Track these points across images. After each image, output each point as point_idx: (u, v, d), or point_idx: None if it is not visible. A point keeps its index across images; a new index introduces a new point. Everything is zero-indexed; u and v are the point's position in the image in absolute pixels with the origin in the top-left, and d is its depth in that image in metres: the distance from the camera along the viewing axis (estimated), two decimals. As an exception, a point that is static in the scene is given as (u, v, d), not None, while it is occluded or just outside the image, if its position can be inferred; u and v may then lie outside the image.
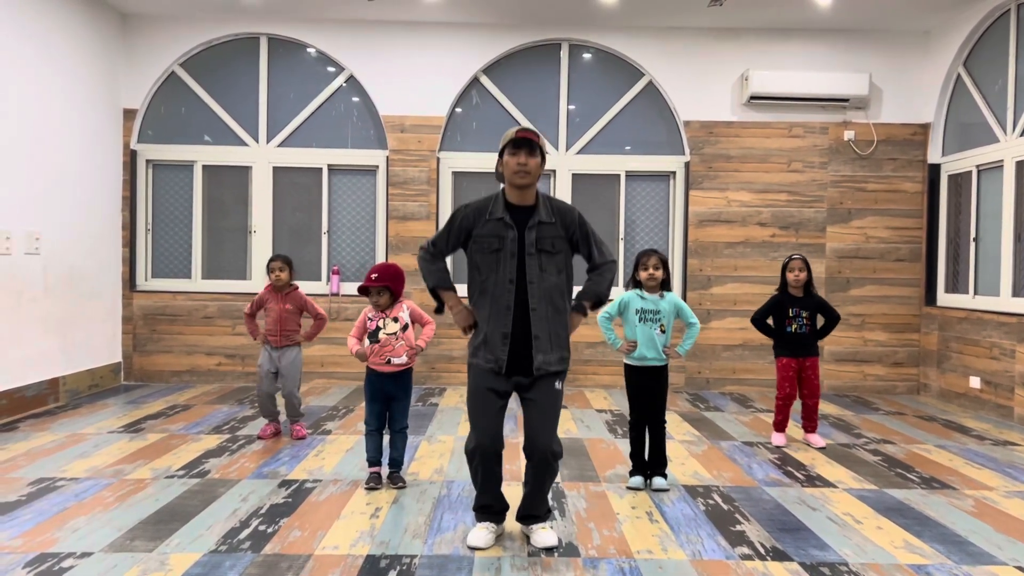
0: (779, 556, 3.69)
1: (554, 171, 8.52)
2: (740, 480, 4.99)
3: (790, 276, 5.84)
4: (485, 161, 8.39)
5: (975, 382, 7.49)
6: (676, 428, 6.49)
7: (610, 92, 8.57)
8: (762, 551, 3.75)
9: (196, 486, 4.65)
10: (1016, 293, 7.18)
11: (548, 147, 8.49)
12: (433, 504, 4.39)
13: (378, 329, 4.63)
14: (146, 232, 8.55)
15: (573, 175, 8.51)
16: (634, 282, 4.84)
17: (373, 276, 4.57)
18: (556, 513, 4.26)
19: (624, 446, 5.78)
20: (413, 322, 4.77)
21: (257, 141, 8.53)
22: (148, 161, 8.52)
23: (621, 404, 7.48)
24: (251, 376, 8.30)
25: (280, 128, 8.55)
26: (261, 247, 8.53)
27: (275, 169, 8.56)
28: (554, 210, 3.76)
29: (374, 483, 4.67)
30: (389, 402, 4.73)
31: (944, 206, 8.34)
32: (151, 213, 8.59)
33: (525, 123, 8.28)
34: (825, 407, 7.47)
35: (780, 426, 6.03)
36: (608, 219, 8.59)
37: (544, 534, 3.78)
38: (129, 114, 8.40)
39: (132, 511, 4.18)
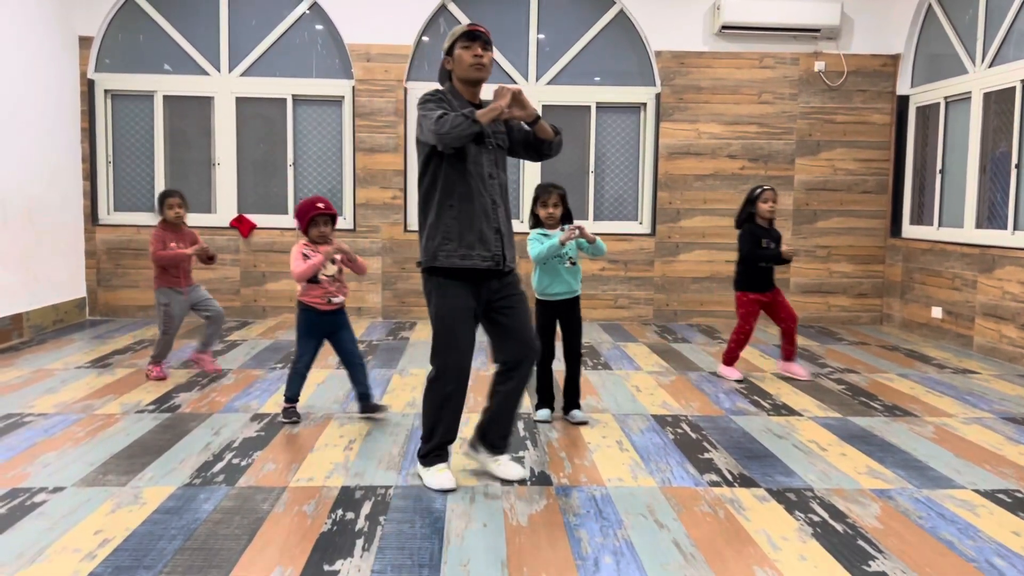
0: (746, 483, 3.78)
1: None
2: (708, 409, 5.08)
3: (764, 207, 5.74)
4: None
5: (937, 312, 7.64)
6: (645, 359, 6.57)
7: (580, 21, 8.42)
8: (729, 478, 3.84)
9: (167, 420, 4.63)
10: (979, 225, 7.28)
11: (518, 78, 8.41)
12: (406, 436, 4.42)
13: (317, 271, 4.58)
14: (107, 164, 8.34)
15: (543, 106, 8.39)
16: (533, 217, 4.72)
17: (320, 205, 4.53)
18: (528, 443, 4.31)
19: (591, 377, 5.85)
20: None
21: (219, 70, 8.30)
22: (107, 91, 8.27)
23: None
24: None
25: (242, 57, 8.31)
26: (226, 180, 8.37)
27: (238, 99, 8.35)
28: None
29: (296, 418, 4.68)
30: (335, 336, 4.70)
31: (912, 138, 8.38)
32: (111, 145, 8.37)
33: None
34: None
35: (734, 360, 6.02)
36: (579, 152, 8.53)
37: (514, 466, 3.78)
38: (85, 42, 8.11)
39: (103, 446, 4.17)
